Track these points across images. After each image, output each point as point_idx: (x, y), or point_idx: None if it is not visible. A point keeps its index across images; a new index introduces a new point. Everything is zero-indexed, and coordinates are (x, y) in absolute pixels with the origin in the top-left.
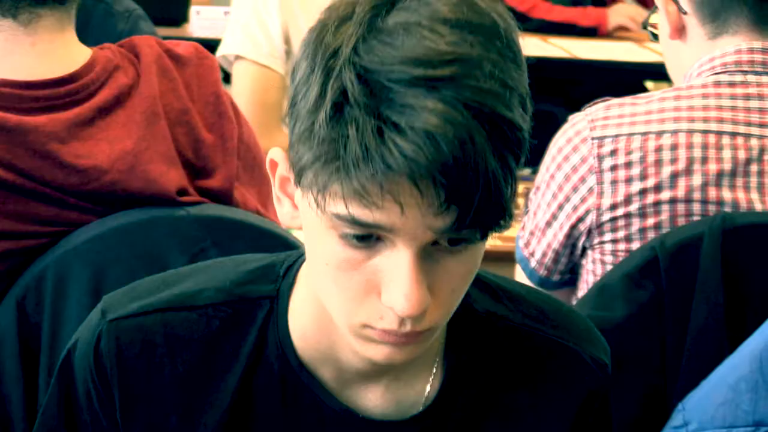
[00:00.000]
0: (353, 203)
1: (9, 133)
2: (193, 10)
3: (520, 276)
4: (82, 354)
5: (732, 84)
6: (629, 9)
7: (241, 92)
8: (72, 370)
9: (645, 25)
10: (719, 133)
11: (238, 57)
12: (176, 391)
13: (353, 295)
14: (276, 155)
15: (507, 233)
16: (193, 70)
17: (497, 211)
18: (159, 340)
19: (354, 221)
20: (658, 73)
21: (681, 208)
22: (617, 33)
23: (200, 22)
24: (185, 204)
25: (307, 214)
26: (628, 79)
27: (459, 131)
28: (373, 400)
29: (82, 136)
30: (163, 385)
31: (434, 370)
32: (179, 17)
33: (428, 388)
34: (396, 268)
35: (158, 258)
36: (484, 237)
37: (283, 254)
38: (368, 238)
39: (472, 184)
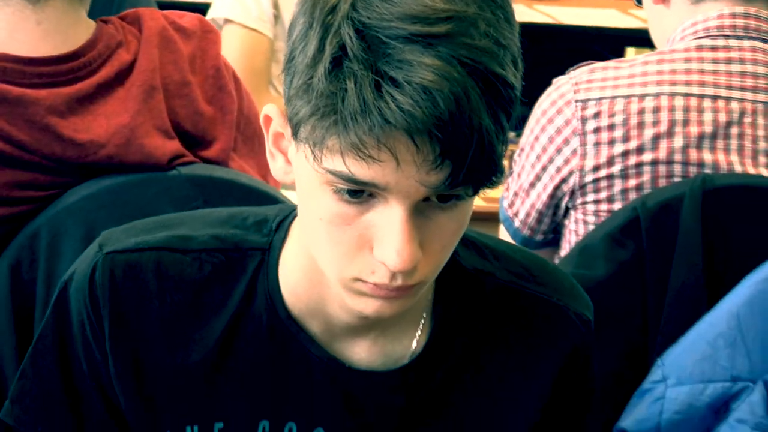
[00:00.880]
0: (350, 157)
1: (10, 104)
2: None
3: (504, 236)
4: (77, 285)
5: (714, 48)
6: None
7: (230, 55)
8: (67, 301)
9: None
10: (701, 96)
11: (227, 20)
12: (163, 328)
13: (345, 249)
14: (270, 111)
15: (491, 194)
16: (197, 43)
17: (489, 167)
18: (151, 278)
19: (349, 177)
20: (641, 38)
21: (662, 169)
22: None
23: None
24: (177, 165)
25: (301, 170)
26: (612, 45)
27: (455, 87)
28: (360, 353)
29: (81, 111)
30: (151, 320)
31: (421, 325)
32: None
33: (415, 342)
34: (389, 224)
35: (151, 216)
36: (475, 193)
37: (275, 207)
38: (361, 193)
39: (466, 139)
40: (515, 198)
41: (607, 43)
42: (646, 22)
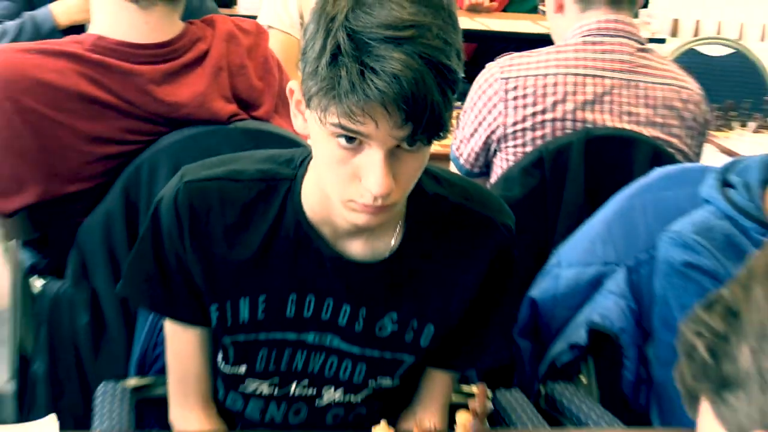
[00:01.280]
0: (344, 119)
1: (123, 74)
2: None
3: (453, 169)
4: (166, 203)
5: (594, 43)
6: None
7: (273, 49)
8: (159, 214)
9: (536, 7)
10: (584, 75)
11: (269, 26)
12: (223, 233)
13: (343, 180)
14: (293, 86)
15: (444, 142)
16: (253, 39)
17: (439, 127)
18: (215, 199)
19: (344, 130)
20: (546, 40)
21: (559, 125)
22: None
23: (245, 3)
24: (235, 121)
25: (313, 126)
26: (526, 45)
27: (415, 74)
28: (356, 249)
29: (171, 82)
30: (215, 228)
31: (397, 230)
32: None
33: (392, 242)
34: (371, 163)
35: (216, 156)
36: (429, 143)
37: (299, 150)
38: (353, 140)
39: (423, 109)
40: (460, 144)
41: (523, 43)
42: (549, 29)
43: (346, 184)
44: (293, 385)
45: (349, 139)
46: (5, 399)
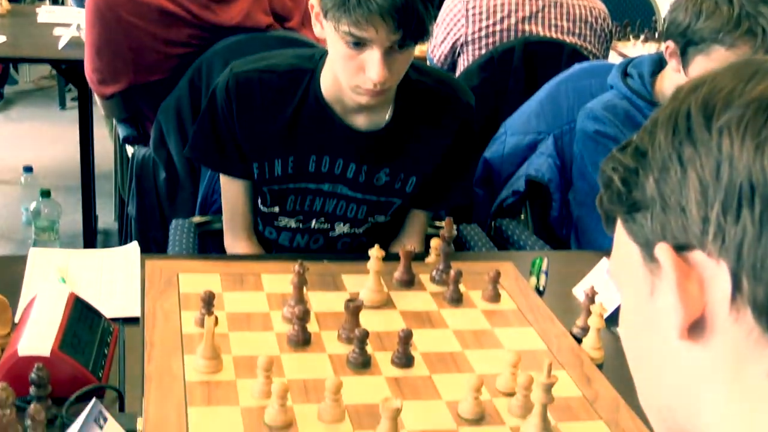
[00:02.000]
0: (352, 28)
1: None
2: None
3: (431, 64)
4: (219, 89)
5: None
6: None
7: None
8: (215, 97)
9: None
10: None
11: None
12: (262, 111)
13: (351, 72)
14: (313, 1)
15: (422, 48)
16: None
17: (423, 32)
18: (256, 86)
19: (352, 36)
20: None
21: (505, 34)
22: None
23: None
24: (272, 31)
25: (329, 32)
26: None
27: None
28: (360, 121)
29: (225, 3)
30: (257, 107)
31: (390, 108)
32: None
33: (387, 116)
34: (372, 60)
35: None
36: (415, 44)
37: (318, 50)
38: (358, 44)
39: (411, 19)
40: (434, 48)
41: None
42: None
43: (353, 75)
44: (313, 222)
45: (356, 43)
46: (112, 233)
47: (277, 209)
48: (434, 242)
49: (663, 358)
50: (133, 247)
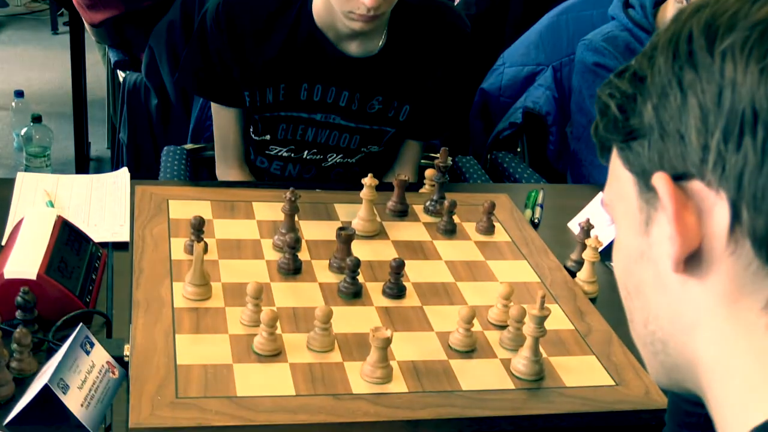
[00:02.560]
0: None
1: None
2: None
3: None
4: (210, 14)
5: None
6: None
7: None
8: (205, 24)
9: None
10: None
11: None
12: (252, 37)
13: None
14: None
15: None
16: None
17: None
18: (246, 10)
19: None
20: None
21: None
22: None
23: None
24: None
25: None
26: None
27: None
28: (352, 48)
29: None
30: (248, 32)
31: (383, 34)
32: None
33: (380, 43)
34: None
35: None
36: None
37: None
38: None
39: None
40: None
41: None
42: None
43: (347, 2)
44: (305, 152)
45: None
46: (105, 160)
47: (268, 137)
48: (429, 172)
49: (657, 292)
50: (123, 172)
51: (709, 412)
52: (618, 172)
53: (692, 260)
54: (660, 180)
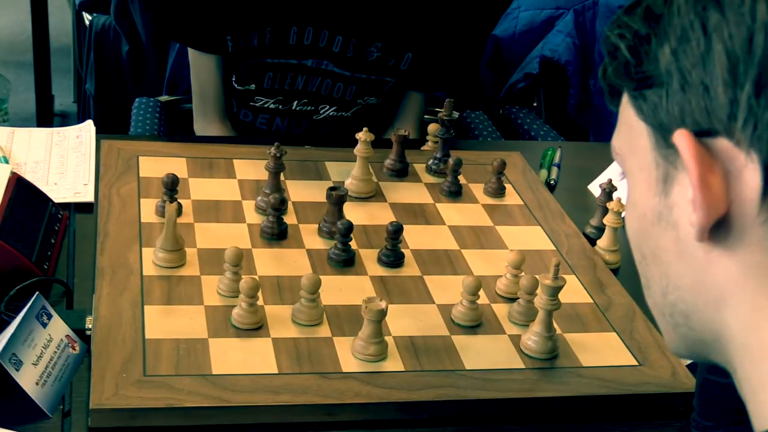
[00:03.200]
0: None
1: None
2: None
3: None
4: None
5: None
6: None
7: None
8: None
9: None
10: None
11: None
12: None
13: None
14: None
15: None
16: None
17: None
18: None
19: None
20: None
21: None
22: None
23: None
24: None
25: None
26: None
27: None
28: None
29: None
30: None
31: None
32: None
33: None
34: None
35: None
36: None
37: None
38: None
39: None
40: None
41: None
42: None
43: None
44: (294, 103)
45: None
46: (71, 116)
47: (253, 87)
48: (432, 127)
49: (677, 260)
50: (88, 125)
51: (739, 393)
52: (630, 120)
53: (718, 228)
54: (681, 138)
